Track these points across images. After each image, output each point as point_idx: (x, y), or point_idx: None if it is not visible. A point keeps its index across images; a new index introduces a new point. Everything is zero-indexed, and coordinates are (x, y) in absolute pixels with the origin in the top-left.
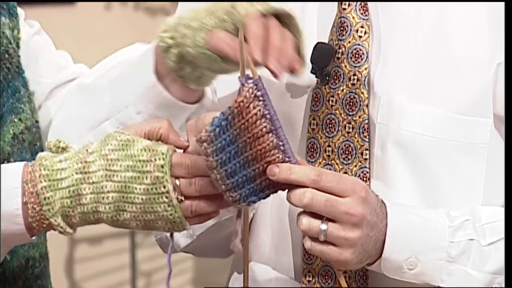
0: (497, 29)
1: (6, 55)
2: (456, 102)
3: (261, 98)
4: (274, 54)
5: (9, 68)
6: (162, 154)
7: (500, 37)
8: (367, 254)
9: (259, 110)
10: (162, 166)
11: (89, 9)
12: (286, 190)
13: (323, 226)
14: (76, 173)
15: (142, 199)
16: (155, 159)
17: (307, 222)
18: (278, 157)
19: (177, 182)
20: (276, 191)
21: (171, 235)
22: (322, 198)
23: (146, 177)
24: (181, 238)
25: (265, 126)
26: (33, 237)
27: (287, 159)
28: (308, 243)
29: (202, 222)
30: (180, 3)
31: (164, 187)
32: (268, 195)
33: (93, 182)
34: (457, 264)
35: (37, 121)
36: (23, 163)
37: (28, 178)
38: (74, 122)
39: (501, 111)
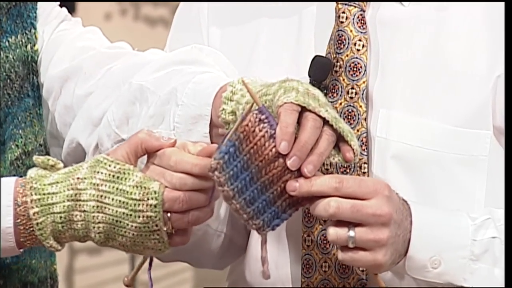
0: (495, 42)
1: (8, 81)
2: (455, 115)
3: (265, 120)
4: (295, 150)
5: (9, 94)
6: (155, 193)
7: (499, 49)
8: (398, 254)
9: (266, 131)
10: (155, 206)
11: (88, 19)
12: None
13: (351, 233)
14: (68, 200)
15: (133, 234)
16: (147, 199)
17: (334, 232)
18: (294, 174)
19: (168, 215)
20: (297, 209)
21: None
22: (347, 204)
23: (139, 216)
24: None
25: (275, 146)
26: (21, 250)
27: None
28: (340, 255)
29: (184, 243)
30: (176, 14)
31: (156, 225)
32: (290, 215)
33: (85, 211)
34: (480, 263)
35: (41, 145)
36: (14, 179)
37: (19, 200)
38: (131, 119)
39: (501, 123)
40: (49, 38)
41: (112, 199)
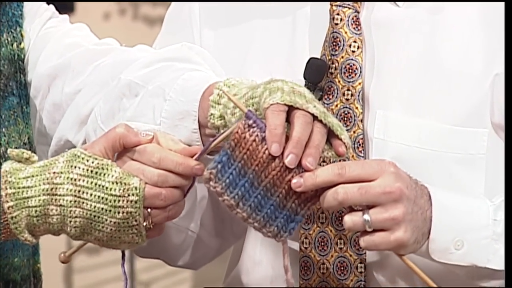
0: (491, 41)
1: None
2: (452, 114)
3: (254, 125)
4: (290, 148)
5: None
6: (135, 189)
7: (495, 48)
8: (421, 232)
9: (257, 135)
10: (136, 202)
11: (87, 19)
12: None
13: (366, 216)
14: (44, 194)
15: (111, 229)
16: (128, 195)
17: (349, 219)
18: (295, 172)
19: (149, 210)
20: (309, 209)
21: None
22: (354, 188)
23: (118, 212)
24: None
25: (268, 148)
26: None
27: (303, 170)
28: (361, 242)
29: (159, 235)
30: (167, 15)
31: (136, 221)
32: (303, 216)
33: (61, 205)
34: (501, 243)
35: (25, 143)
36: None
37: None
38: (117, 115)
39: (500, 120)
40: (37, 36)
41: (91, 195)
